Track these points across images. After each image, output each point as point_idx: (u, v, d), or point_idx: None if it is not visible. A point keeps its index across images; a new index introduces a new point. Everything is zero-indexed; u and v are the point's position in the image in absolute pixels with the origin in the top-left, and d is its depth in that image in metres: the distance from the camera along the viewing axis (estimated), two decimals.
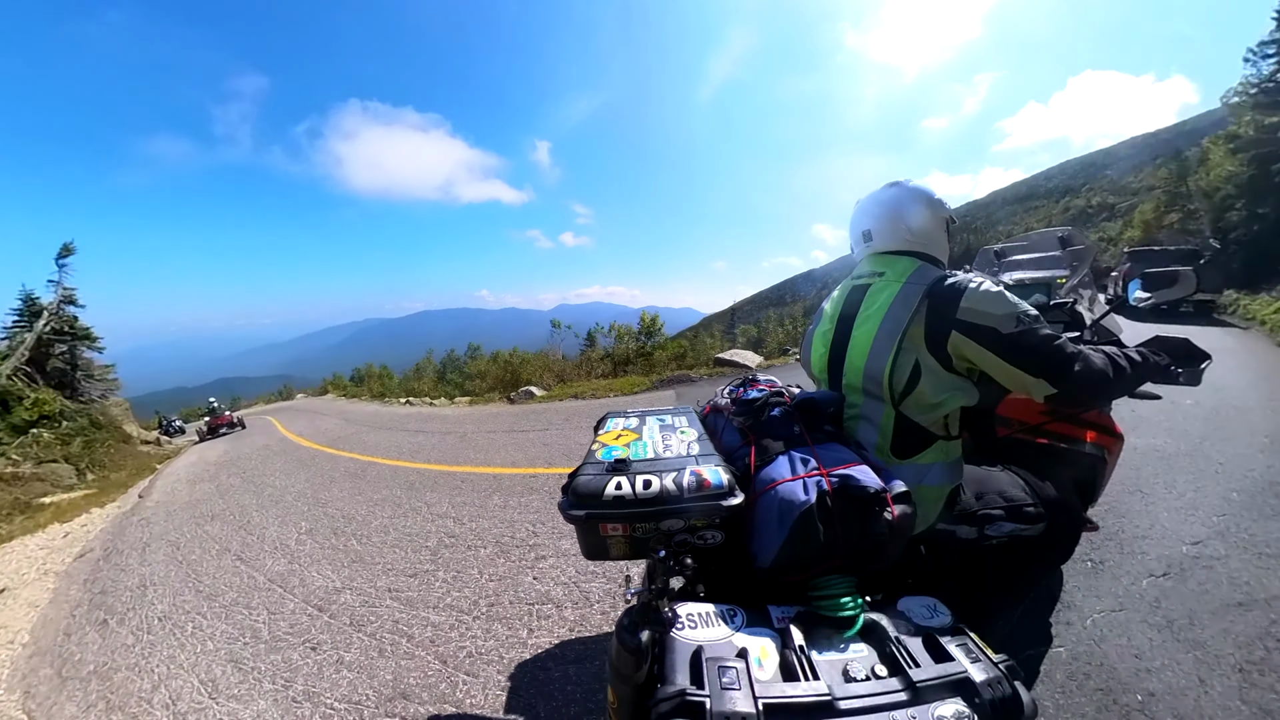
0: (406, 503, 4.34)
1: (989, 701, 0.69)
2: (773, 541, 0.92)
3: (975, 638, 0.80)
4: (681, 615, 0.86)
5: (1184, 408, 4.06)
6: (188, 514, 5.27)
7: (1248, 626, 1.71)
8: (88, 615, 3.24)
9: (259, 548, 3.87)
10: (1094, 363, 1.07)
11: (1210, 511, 2.50)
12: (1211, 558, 2.11)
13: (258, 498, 5.43)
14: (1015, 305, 1.06)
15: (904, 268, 1.21)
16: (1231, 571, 2.00)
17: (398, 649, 2.29)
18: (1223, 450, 3.28)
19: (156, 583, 3.54)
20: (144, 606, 3.20)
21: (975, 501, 1.24)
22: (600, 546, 1.03)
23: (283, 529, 4.20)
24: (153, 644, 2.71)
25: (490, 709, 1.87)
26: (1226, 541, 2.22)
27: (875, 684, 0.73)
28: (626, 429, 1.32)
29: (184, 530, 4.70)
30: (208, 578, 3.48)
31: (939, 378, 1.12)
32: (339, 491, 5.07)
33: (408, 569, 3.07)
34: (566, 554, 2.88)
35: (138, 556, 4.17)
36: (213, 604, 3.07)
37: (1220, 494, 2.68)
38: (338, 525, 4.07)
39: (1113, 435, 1.51)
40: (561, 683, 1.91)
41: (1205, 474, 2.94)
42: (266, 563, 3.56)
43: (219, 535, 4.37)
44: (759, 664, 0.77)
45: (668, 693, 0.71)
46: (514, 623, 2.35)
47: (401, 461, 5.91)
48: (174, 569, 3.76)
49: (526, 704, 1.85)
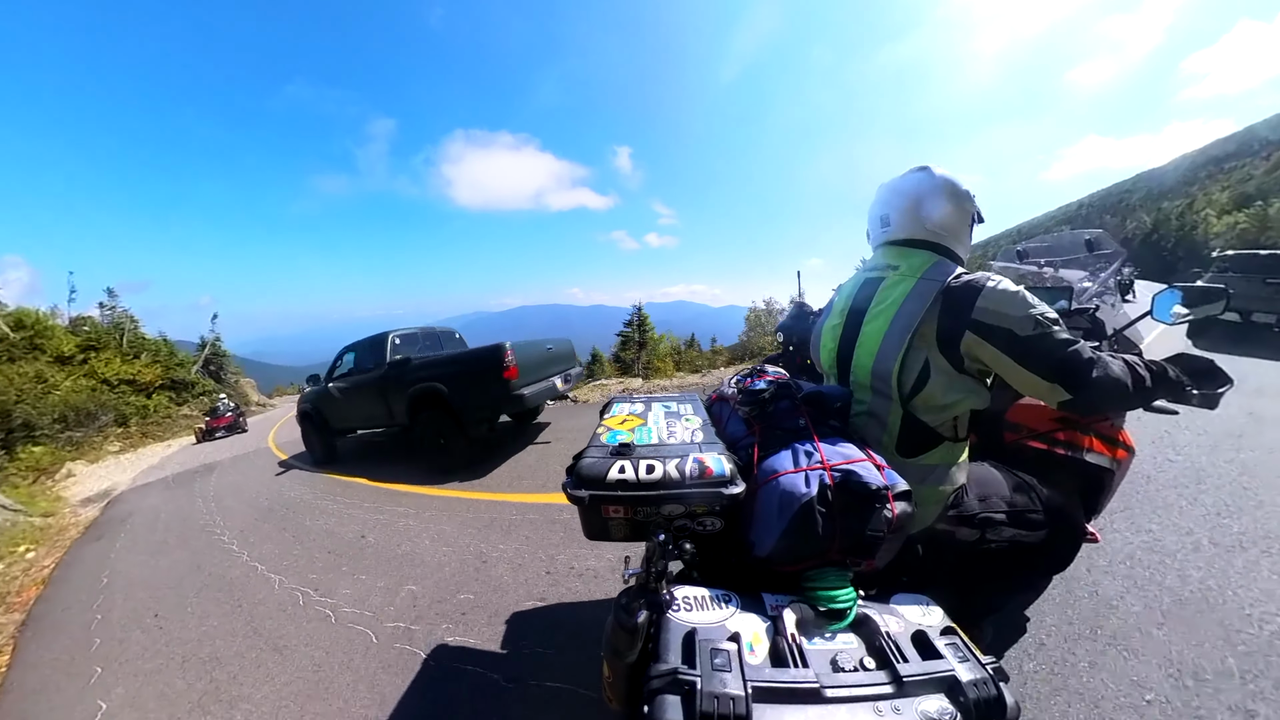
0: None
1: (973, 701, 0.70)
2: (771, 532, 0.94)
3: (965, 638, 0.82)
4: (678, 597, 0.88)
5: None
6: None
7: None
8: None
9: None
10: (1112, 371, 1.04)
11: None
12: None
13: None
14: (1034, 307, 1.03)
15: (920, 262, 1.17)
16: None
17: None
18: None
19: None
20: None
21: (978, 504, 1.24)
22: (602, 528, 1.05)
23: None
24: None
25: None
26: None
27: (862, 675, 0.75)
28: (632, 414, 1.33)
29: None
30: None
31: (949, 378, 1.10)
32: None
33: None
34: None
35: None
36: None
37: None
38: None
39: (1124, 448, 1.49)
40: None
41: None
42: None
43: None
44: (750, 648, 0.79)
45: (660, 670, 0.74)
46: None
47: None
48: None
49: None
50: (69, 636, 2.98)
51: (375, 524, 3.88)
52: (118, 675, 2.48)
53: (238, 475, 7.03)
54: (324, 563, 3.33)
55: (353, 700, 1.98)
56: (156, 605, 3.16)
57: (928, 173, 1.24)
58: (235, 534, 4.31)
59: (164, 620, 2.95)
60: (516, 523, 3.38)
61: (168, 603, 3.17)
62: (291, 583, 3.11)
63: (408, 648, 2.23)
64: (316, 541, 3.75)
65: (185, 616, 2.94)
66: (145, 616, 3.04)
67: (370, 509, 4.26)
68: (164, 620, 2.95)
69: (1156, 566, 2.02)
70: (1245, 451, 3.06)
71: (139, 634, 2.85)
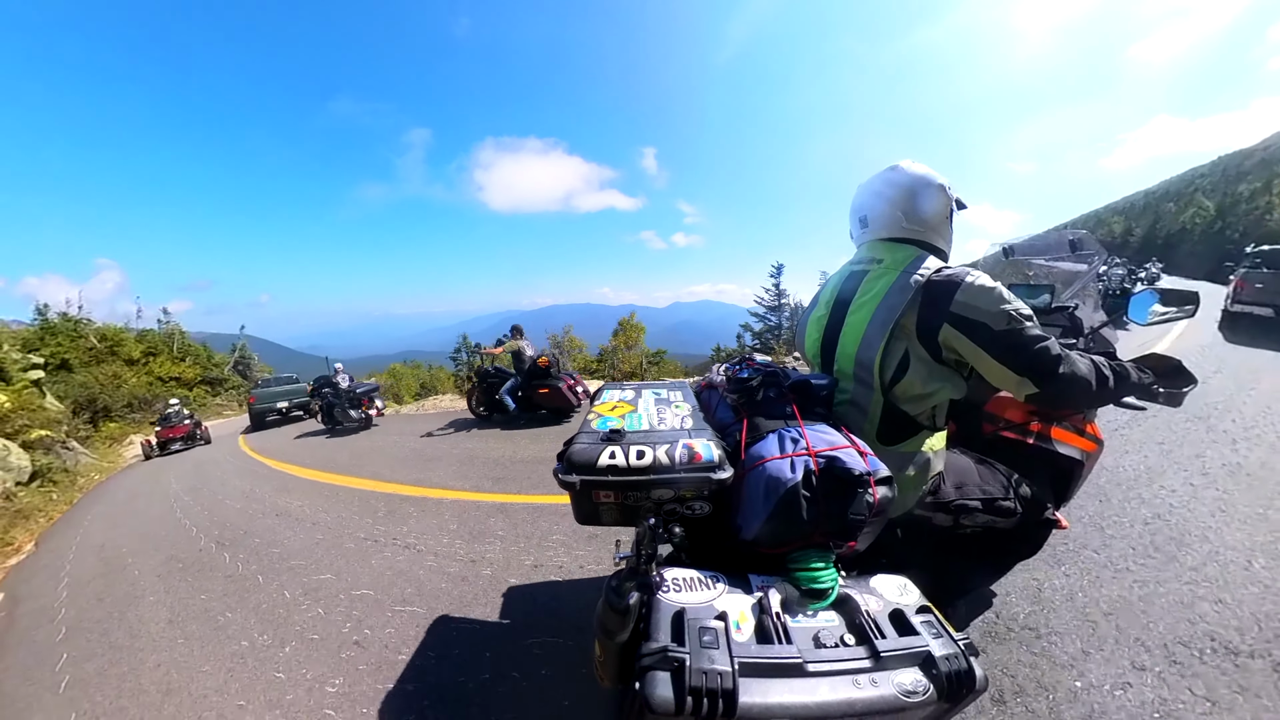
0: None
1: (945, 674, 0.74)
2: (758, 515, 0.96)
3: (939, 616, 0.86)
4: (667, 579, 0.90)
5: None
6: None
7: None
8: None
9: None
10: (1079, 369, 1.09)
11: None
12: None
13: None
14: (1008, 303, 1.07)
15: (903, 256, 1.20)
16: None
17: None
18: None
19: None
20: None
21: (954, 491, 1.29)
22: (592, 512, 1.07)
23: None
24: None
25: None
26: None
27: (843, 650, 0.79)
28: (622, 400, 1.34)
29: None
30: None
31: (928, 368, 1.14)
32: None
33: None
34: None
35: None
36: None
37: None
38: None
39: (1094, 441, 1.55)
40: None
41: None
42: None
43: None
44: (737, 627, 0.82)
45: (651, 649, 0.76)
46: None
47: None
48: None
49: None
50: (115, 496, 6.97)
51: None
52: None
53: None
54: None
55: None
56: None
57: (899, 171, 1.26)
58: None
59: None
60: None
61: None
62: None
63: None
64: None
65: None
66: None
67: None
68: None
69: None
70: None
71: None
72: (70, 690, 2.24)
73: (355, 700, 1.86)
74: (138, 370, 19.90)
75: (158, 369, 20.64)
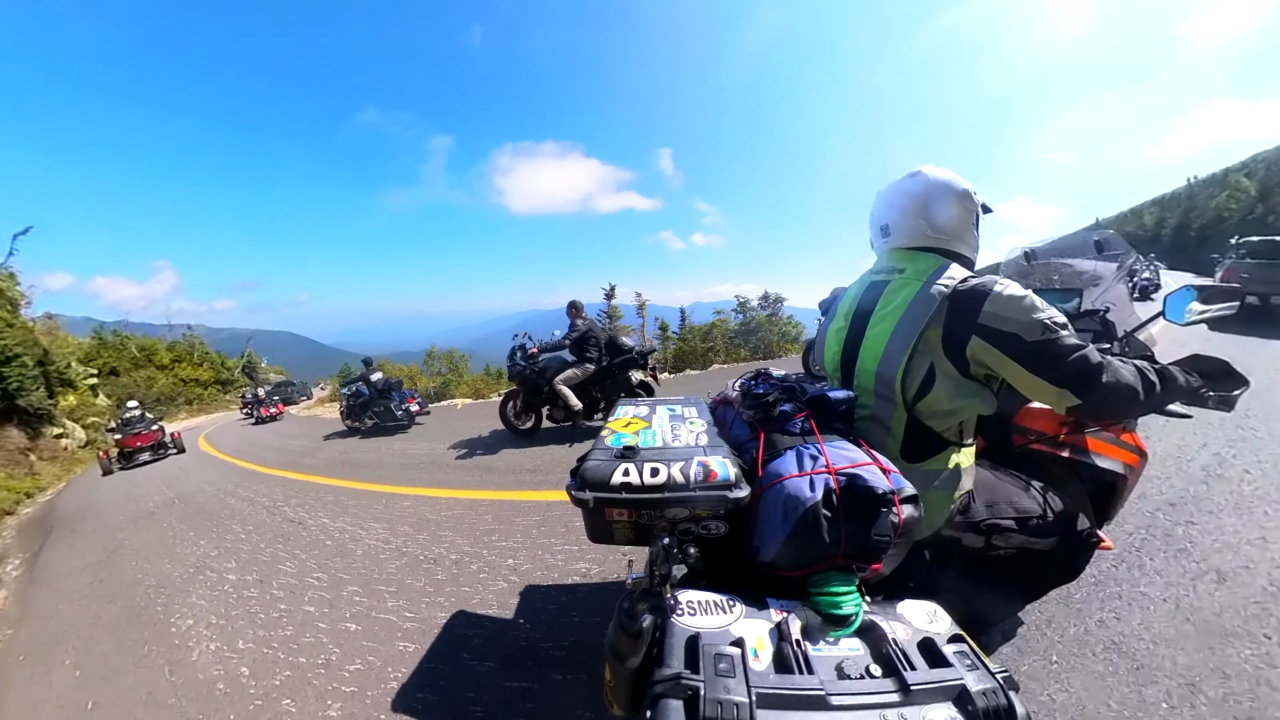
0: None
1: (982, 710, 0.69)
2: (776, 536, 0.93)
3: (974, 646, 0.80)
4: (681, 602, 0.87)
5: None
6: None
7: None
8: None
9: None
10: (1122, 376, 1.02)
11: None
12: None
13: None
14: (1042, 311, 1.02)
15: (926, 265, 1.16)
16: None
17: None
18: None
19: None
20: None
21: (985, 510, 1.23)
22: (605, 530, 1.05)
23: None
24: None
25: None
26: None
27: (869, 683, 0.74)
28: (636, 417, 1.33)
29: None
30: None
31: (955, 383, 1.09)
32: None
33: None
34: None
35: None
36: None
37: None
38: None
39: (1136, 453, 1.47)
40: None
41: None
42: None
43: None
44: (754, 654, 0.78)
45: (664, 675, 0.73)
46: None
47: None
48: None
49: None
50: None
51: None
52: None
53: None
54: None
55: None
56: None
57: (922, 177, 1.22)
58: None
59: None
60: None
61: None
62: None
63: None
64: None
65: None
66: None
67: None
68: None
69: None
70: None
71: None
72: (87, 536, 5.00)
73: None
74: (167, 373, 25.99)
75: (182, 372, 26.61)
